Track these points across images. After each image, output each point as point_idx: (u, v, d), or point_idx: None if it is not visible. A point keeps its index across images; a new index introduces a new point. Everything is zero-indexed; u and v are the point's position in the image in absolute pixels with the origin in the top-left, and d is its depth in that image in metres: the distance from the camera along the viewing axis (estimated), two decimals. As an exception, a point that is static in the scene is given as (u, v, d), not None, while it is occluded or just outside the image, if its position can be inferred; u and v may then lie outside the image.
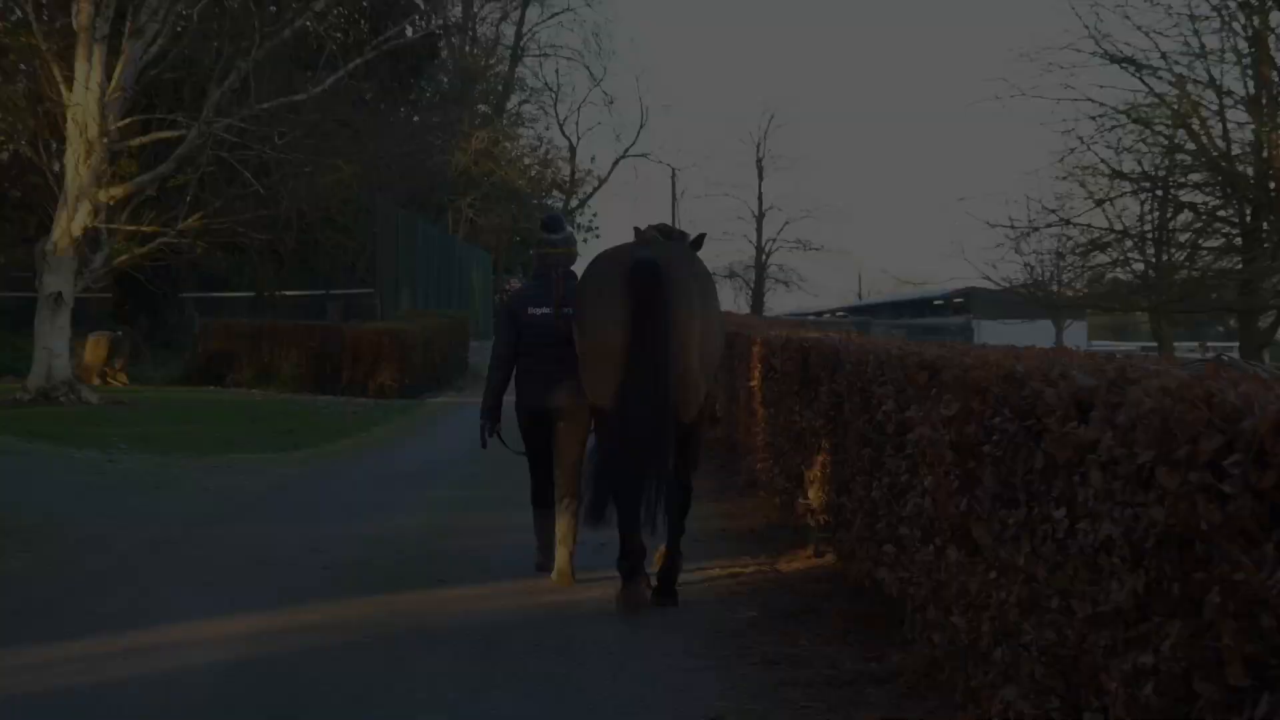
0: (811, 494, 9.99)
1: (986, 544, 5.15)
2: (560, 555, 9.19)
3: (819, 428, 9.60)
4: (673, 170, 74.75)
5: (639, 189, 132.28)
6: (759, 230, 77.98)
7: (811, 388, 9.99)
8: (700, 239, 9.52)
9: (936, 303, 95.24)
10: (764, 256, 78.02)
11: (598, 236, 66.68)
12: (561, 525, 9.27)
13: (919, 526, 6.28)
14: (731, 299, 79.47)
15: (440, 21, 41.68)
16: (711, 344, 8.70)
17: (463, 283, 47.62)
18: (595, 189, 67.61)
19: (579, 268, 9.68)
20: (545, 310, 9.29)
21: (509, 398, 9.54)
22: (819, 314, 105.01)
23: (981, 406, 5.23)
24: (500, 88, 62.59)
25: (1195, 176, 24.42)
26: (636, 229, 9.41)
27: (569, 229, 9.81)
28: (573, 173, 66.48)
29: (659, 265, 8.36)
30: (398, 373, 26.81)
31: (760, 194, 78.04)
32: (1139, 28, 24.12)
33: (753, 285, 78.28)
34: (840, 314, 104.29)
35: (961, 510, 5.51)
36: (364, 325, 28.82)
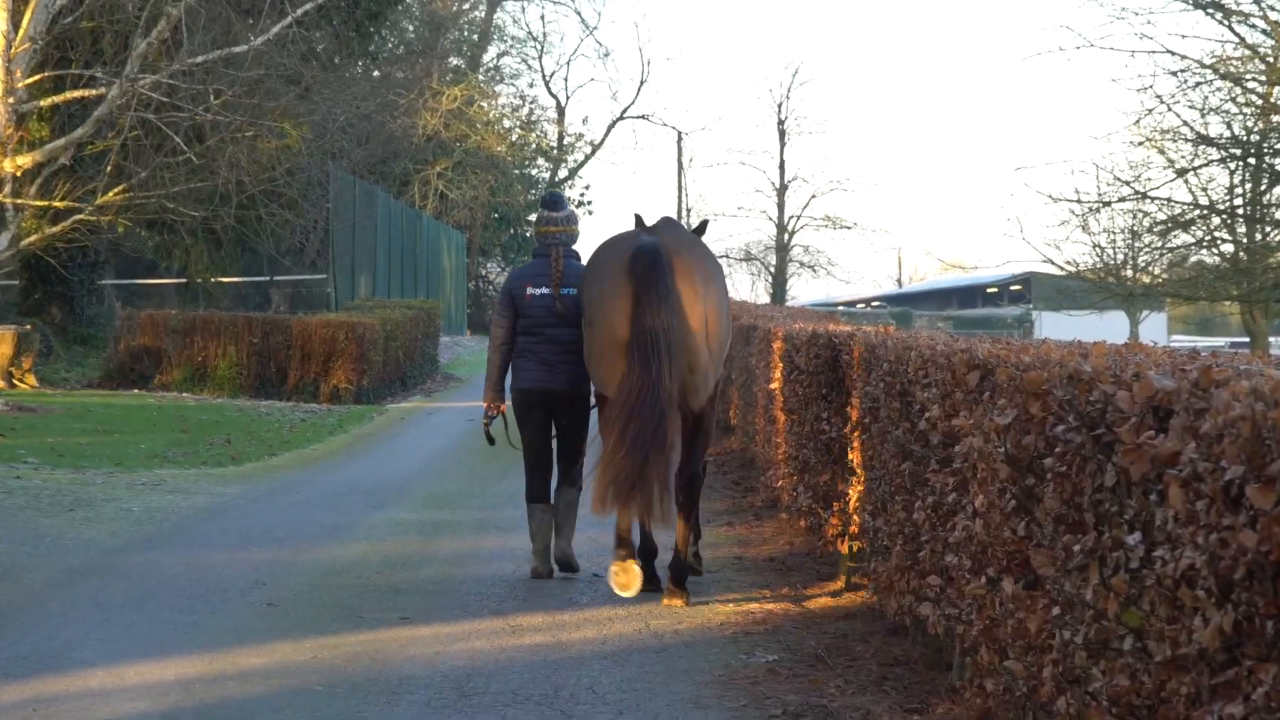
0: (841, 516, 10.00)
1: (1048, 575, 5.15)
2: (560, 546, 10.61)
3: (850, 438, 9.60)
4: (679, 134, 74.61)
5: (639, 156, 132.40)
6: (780, 205, 77.95)
7: (842, 391, 9.99)
8: (703, 226, 11.07)
9: (989, 290, 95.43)
10: (786, 236, 77.96)
11: (590, 212, 66.79)
12: (559, 513, 10.65)
13: (968, 554, 6.28)
14: (748, 286, 79.57)
15: (405, -41, 41.74)
16: (718, 330, 9.92)
17: (432, 266, 47.65)
18: (588, 156, 67.69)
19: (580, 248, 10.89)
20: (544, 290, 10.58)
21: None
22: (851, 304, 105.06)
23: (1042, 413, 5.24)
24: (476, 38, 62.63)
25: (1294, 142, 24.40)
26: (637, 216, 10.69)
27: (570, 208, 11.04)
28: (561, 137, 66.56)
29: (661, 251, 9.70)
30: (355, 373, 26.83)
31: (782, 163, 78.00)
32: (1227, -34, 24.07)
33: (773, 269, 78.22)
34: (876, 304, 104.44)
35: (1019, 535, 5.51)
36: (315, 317, 28.83)
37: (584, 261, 10.65)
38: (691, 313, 9.71)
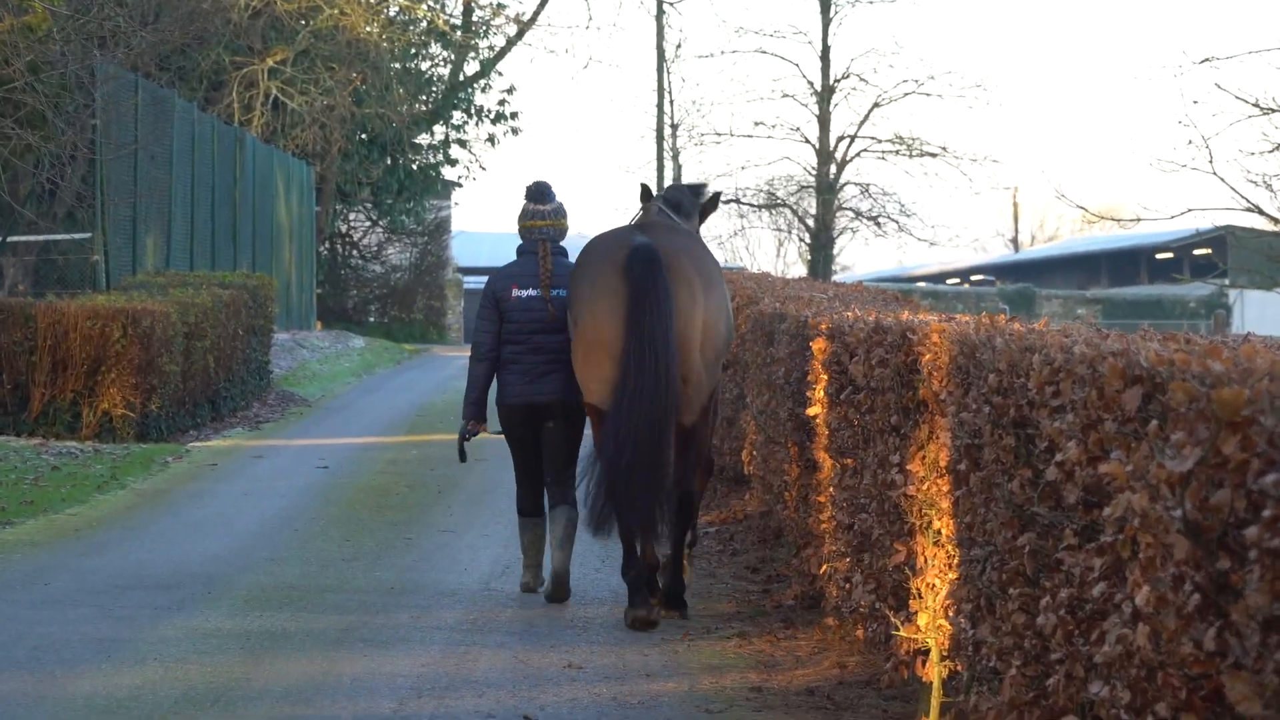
0: (923, 619, 10.02)
1: (1254, 714, 5.18)
2: (558, 559, 14.34)
3: (937, 494, 9.62)
4: (659, 3, 74.58)
5: (593, 41, 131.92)
6: (824, 119, 77.97)
7: (922, 418, 10.01)
8: (715, 199, 15.53)
9: (1159, 257, 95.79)
10: (834, 169, 77.99)
11: (515, 130, 66.65)
12: (558, 529, 14.40)
13: (1126, 681, 6.31)
14: (772, 248, 79.53)
15: None
16: (715, 338, 13.86)
17: (261, 219, 47.55)
18: (511, 41, 67.58)
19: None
20: (532, 292, 14.42)
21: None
22: (938, 277, 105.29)
23: (1242, 454, 5.26)
24: None
25: None
26: (644, 187, 15.16)
27: (559, 200, 14.79)
28: (468, 11, 66.51)
29: (657, 252, 13.42)
30: (138, 392, 26.72)
31: (826, 50, 78.01)
32: None
33: (812, 223, 78.27)
34: (979, 278, 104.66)
35: (1206, 650, 5.54)
36: (75, 302, 28.70)
37: (573, 259, 14.36)
38: (689, 320, 13.56)
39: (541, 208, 14.70)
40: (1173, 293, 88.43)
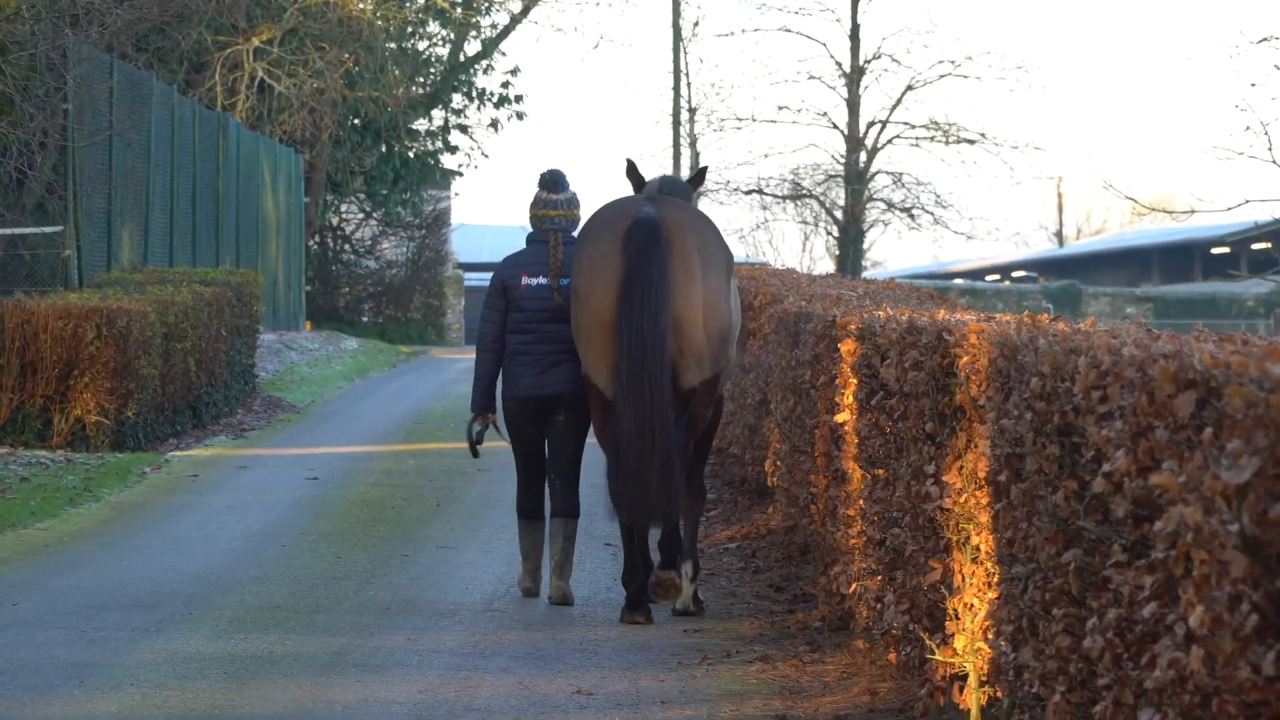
0: (960, 642, 10.01)
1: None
2: (556, 587, 15.02)
3: (974, 507, 9.61)
4: (675, -20, 74.52)
5: (604, 19, 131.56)
6: (853, 104, 77.88)
7: (959, 425, 10.00)
8: (700, 174, 16.66)
9: (1214, 252, 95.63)
10: (864, 157, 77.85)
11: (520, 114, 66.57)
12: (556, 548, 15.05)
13: (1179, 708, 6.30)
14: (797, 242, 79.21)
15: None
16: (718, 319, 14.47)
17: (246, 212, 47.51)
18: (515, 19, 67.52)
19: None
20: (541, 280, 15.10)
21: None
22: (977, 273, 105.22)
23: (1304, 464, 5.25)
24: None
25: None
26: (630, 163, 15.77)
27: (572, 189, 15.56)
28: (469, -13, 66.42)
29: (659, 226, 14.19)
30: (113, 397, 26.68)
31: (855, 29, 77.93)
32: None
33: (840, 215, 78.20)
34: (1020, 274, 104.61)
35: (1265, 675, 5.53)
36: (45, 300, 28.69)
37: None
38: (686, 298, 14.24)
39: (555, 197, 15.44)
40: (1229, 290, 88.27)
